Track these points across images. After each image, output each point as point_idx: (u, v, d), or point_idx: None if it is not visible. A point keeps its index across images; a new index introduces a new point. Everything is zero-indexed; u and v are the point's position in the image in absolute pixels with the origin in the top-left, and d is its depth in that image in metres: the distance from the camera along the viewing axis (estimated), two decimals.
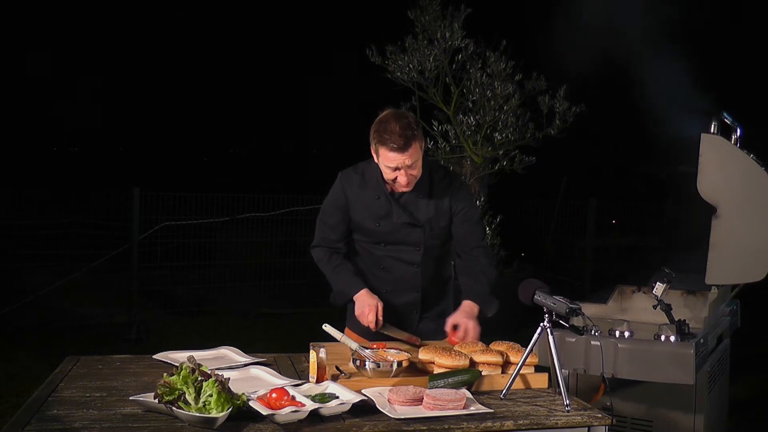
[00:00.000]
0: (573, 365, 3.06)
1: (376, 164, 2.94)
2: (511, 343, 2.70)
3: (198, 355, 2.71)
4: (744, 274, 3.41)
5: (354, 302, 3.05)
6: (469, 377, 2.47)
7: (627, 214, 11.20)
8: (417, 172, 2.88)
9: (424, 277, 3.08)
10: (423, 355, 2.61)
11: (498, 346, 2.68)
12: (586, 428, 2.29)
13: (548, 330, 2.44)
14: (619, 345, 3.01)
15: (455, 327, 2.92)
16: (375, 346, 2.73)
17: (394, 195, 2.97)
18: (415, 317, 3.10)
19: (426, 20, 6.74)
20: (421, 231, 3.01)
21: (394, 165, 2.81)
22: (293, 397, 2.17)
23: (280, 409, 2.09)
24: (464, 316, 2.93)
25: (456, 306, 3.06)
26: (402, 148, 2.77)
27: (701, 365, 3.10)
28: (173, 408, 2.07)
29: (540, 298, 2.48)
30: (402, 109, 3.01)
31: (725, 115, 3.59)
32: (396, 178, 2.86)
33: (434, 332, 3.07)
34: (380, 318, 2.94)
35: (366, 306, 2.94)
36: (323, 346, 2.50)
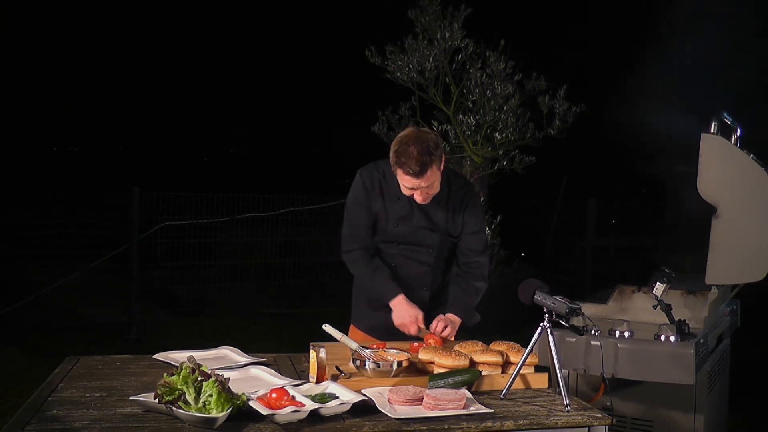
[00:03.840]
0: (573, 365, 3.06)
1: None
2: (511, 343, 2.70)
3: (198, 355, 2.72)
4: (744, 274, 3.41)
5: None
6: (469, 377, 2.47)
7: (627, 214, 11.20)
8: (434, 190, 2.90)
9: (434, 276, 3.11)
10: (423, 355, 2.61)
11: (498, 346, 2.69)
12: (586, 428, 2.29)
13: (548, 330, 2.44)
14: (619, 345, 3.01)
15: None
16: (375, 346, 2.73)
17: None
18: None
19: (426, 20, 6.74)
20: (437, 235, 3.05)
21: (410, 186, 2.84)
22: (293, 397, 2.17)
23: (280, 409, 2.09)
24: (448, 318, 3.00)
25: None
26: (418, 174, 2.78)
27: (701, 365, 3.10)
28: (173, 408, 2.07)
29: (540, 298, 2.48)
30: (423, 128, 3.00)
31: (725, 115, 3.59)
32: (412, 195, 2.90)
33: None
34: (422, 327, 2.96)
35: (407, 317, 2.95)
36: (323, 346, 2.50)
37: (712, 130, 3.42)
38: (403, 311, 2.97)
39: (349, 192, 3.09)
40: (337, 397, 2.25)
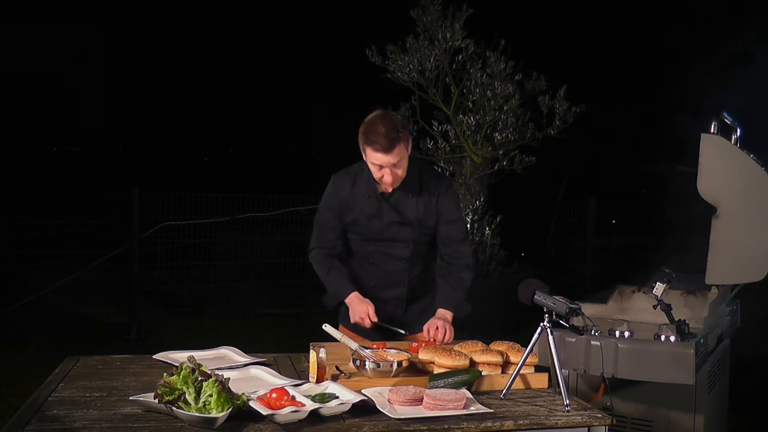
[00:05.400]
0: (573, 365, 3.06)
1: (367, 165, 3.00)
2: (511, 343, 2.70)
3: (198, 355, 2.72)
4: (744, 274, 3.40)
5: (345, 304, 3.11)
6: (469, 377, 2.47)
7: (627, 214, 11.21)
8: (402, 171, 2.96)
9: (411, 272, 3.14)
10: (423, 355, 2.62)
11: (498, 346, 2.69)
12: (586, 428, 2.29)
13: (548, 330, 2.44)
14: (619, 345, 3.01)
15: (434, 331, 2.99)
16: (375, 346, 2.74)
17: (384, 195, 3.04)
18: (399, 311, 3.16)
19: (427, 20, 6.75)
20: (410, 229, 3.08)
21: (379, 164, 2.90)
22: (293, 397, 2.17)
23: (280, 409, 2.09)
24: (442, 320, 3.01)
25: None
26: (387, 150, 2.85)
27: (701, 365, 3.10)
28: (173, 408, 2.07)
29: (540, 298, 2.48)
30: (390, 110, 3.07)
31: (725, 115, 3.59)
32: (382, 176, 2.94)
33: (416, 321, 3.12)
34: (374, 319, 2.99)
35: (359, 313, 3.00)
36: (323, 346, 2.50)
37: (712, 130, 3.42)
38: (356, 307, 3.02)
39: (323, 195, 3.16)
40: (337, 397, 2.25)
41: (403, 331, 3.02)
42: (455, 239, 3.12)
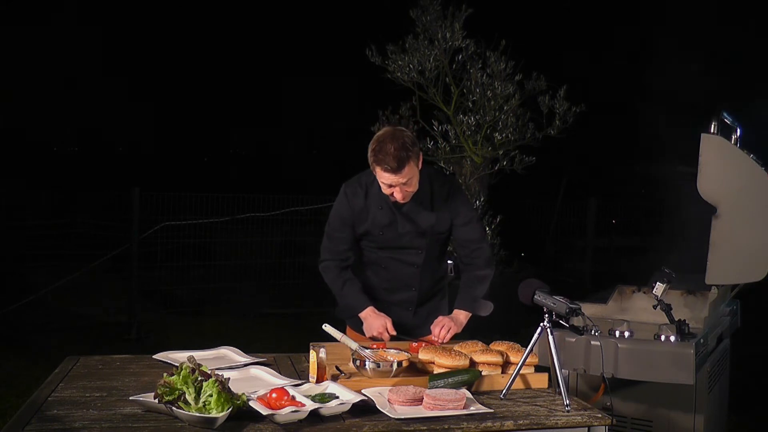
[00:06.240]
0: (573, 365, 3.06)
1: None
2: (511, 343, 2.70)
3: (198, 355, 2.72)
4: (744, 274, 3.41)
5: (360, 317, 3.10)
6: (469, 377, 2.47)
7: (627, 214, 11.21)
8: (413, 188, 2.93)
9: (422, 276, 3.13)
10: (423, 355, 2.62)
11: (498, 346, 2.69)
12: (586, 428, 2.29)
13: (548, 330, 2.44)
14: (619, 345, 3.01)
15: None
16: (375, 346, 2.74)
17: (397, 205, 3.01)
18: (409, 313, 3.16)
19: (427, 20, 6.74)
20: (424, 237, 3.07)
21: (389, 183, 2.87)
22: (293, 397, 2.17)
23: (280, 409, 2.09)
24: (449, 319, 3.03)
25: (451, 305, 3.18)
26: (396, 170, 2.81)
27: (701, 365, 3.10)
28: (173, 408, 2.07)
29: (540, 298, 2.48)
30: (399, 126, 3.04)
31: (725, 115, 3.59)
32: (392, 194, 2.92)
33: (423, 324, 3.13)
34: (393, 333, 2.99)
35: (376, 328, 2.99)
36: (323, 346, 2.50)
37: (712, 130, 3.42)
38: (373, 321, 3.01)
39: (333, 205, 3.13)
40: (337, 397, 2.25)
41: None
42: (473, 239, 3.12)
